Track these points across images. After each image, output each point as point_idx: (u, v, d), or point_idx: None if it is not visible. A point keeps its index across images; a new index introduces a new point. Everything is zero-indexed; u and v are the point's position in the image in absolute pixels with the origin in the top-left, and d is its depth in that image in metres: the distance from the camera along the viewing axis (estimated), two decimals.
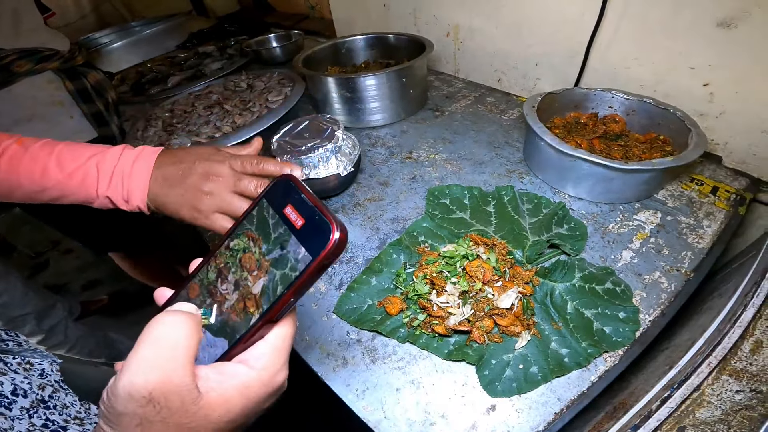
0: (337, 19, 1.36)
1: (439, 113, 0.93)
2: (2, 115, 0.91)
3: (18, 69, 0.90)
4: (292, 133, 0.70)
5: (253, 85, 1.04)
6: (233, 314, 0.25)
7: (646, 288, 0.51)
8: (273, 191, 0.26)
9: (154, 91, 1.15)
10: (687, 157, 0.56)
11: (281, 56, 1.22)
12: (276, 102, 0.94)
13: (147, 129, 0.94)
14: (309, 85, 0.95)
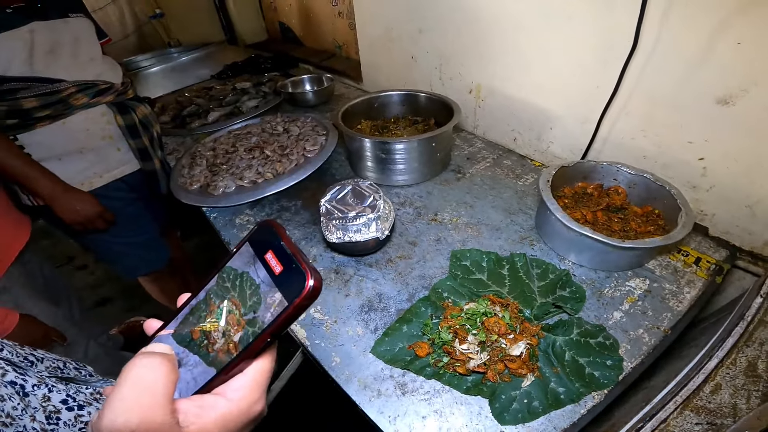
0: (364, 65, 1.54)
1: (461, 175, 1.07)
2: (54, 145, 1.04)
3: (75, 102, 1.04)
4: (338, 197, 0.82)
5: (289, 129, 1.21)
6: (219, 353, 0.29)
7: (631, 341, 0.65)
8: (257, 235, 0.30)
9: (195, 125, 1.31)
10: (674, 236, 0.70)
11: (313, 100, 1.39)
12: (312, 151, 1.10)
13: (192, 167, 1.10)
14: (344, 139, 1.09)
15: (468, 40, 1.12)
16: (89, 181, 1.11)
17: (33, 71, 0.97)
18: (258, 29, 2.38)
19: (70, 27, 1.04)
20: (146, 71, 1.66)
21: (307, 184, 1.05)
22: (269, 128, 1.21)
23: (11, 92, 0.96)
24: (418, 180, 1.04)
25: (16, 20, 0.96)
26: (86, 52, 1.07)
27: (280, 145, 1.13)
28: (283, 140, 1.16)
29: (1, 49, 0.93)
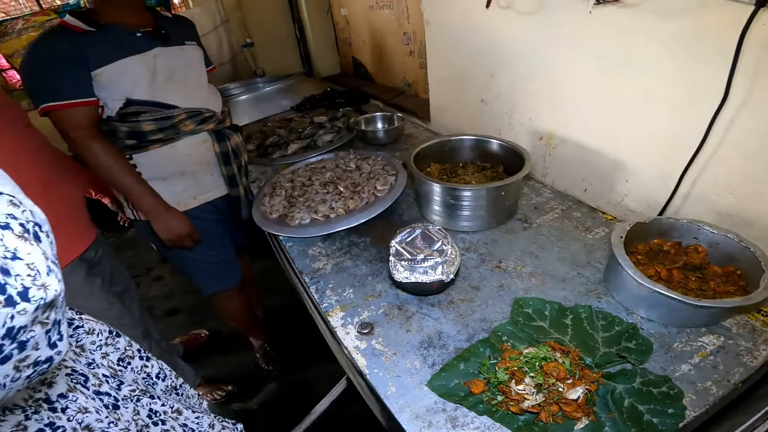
0: (433, 105, 1.63)
1: (527, 225, 1.09)
2: (162, 167, 1.22)
3: (183, 128, 1.21)
4: (407, 240, 0.89)
5: (360, 167, 1.32)
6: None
7: (697, 392, 0.65)
8: None
9: (276, 155, 1.48)
10: (755, 298, 0.69)
11: (383, 138, 1.51)
12: (383, 191, 1.19)
13: (273, 196, 1.24)
14: (414, 180, 1.16)
15: (541, 86, 1.15)
16: (185, 202, 1.27)
17: (153, 95, 1.15)
18: (333, 63, 2.62)
19: (186, 54, 1.23)
20: (236, 99, 1.91)
21: (376, 222, 1.13)
22: (342, 164, 1.34)
23: (134, 114, 1.14)
24: (483, 227, 1.08)
25: (144, 44, 1.14)
26: (196, 79, 1.25)
27: (352, 182, 1.24)
28: (355, 177, 1.27)
29: (129, 71, 1.11)
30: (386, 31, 2.06)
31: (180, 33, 1.24)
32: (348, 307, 0.90)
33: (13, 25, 2.52)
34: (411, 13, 1.82)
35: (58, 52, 1.03)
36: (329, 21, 2.58)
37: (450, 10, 1.35)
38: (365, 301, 0.91)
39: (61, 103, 1.05)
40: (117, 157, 1.12)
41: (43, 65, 1.04)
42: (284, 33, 2.70)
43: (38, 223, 0.37)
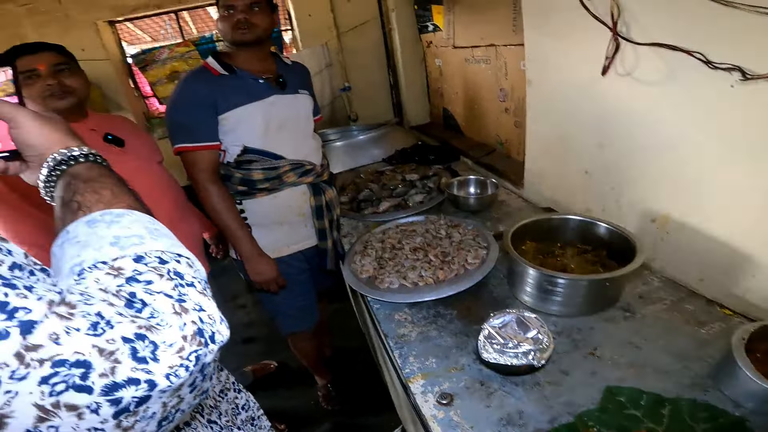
0: (528, 170, 1.60)
1: (629, 315, 1.01)
2: (264, 215, 1.35)
3: (287, 179, 1.33)
4: (501, 323, 0.89)
5: (451, 235, 1.34)
6: None
7: None
8: None
9: (368, 211, 1.57)
10: None
11: (475, 205, 1.52)
12: (473, 264, 1.19)
13: (364, 256, 1.30)
14: (507, 258, 1.14)
15: (660, 165, 1.08)
16: (279, 249, 1.40)
17: (265, 144, 1.29)
18: (423, 112, 2.72)
19: (298, 103, 1.36)
20: (332, 144, 2.07)
21: (464, 294, 1.13)
22: (433, 229, 1.37)
23: (248, 163, 1.29)
24: (579, 314, 1.03)
25: (264, 91, 1.28)
26: (303, 129, 1.38)
27: (442, 251, 1.26)
28: (446, 245, 1.28)
29: (249, 118, 1.25)
30: (481, 85, 2.10)
31: (296, 80, 1.38)
32: (430, 376, 0.92)
33: (159, 53, 2.97)
34: (510, 69, 1.83)
35: (195, 96, 1.21)
36: (423, 70, 2.70)
37: (557, 71, 1.33)
38: (447, 372, 0.92)
39: (192, 145, 1.23)
40: (227, 202, 1.28)
41: (182, 108, 1.23)
42: (379, 79, 2.88)
43: (205, 280, 0.44)
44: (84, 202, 0.45)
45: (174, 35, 3.19)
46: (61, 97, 1.09)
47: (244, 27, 1.21)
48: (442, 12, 2.28)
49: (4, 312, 0.30)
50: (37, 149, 0.50)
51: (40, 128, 0.50)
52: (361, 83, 2.90)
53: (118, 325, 0.33)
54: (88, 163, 0.50)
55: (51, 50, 1.09)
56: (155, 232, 0.44)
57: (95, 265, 0.38)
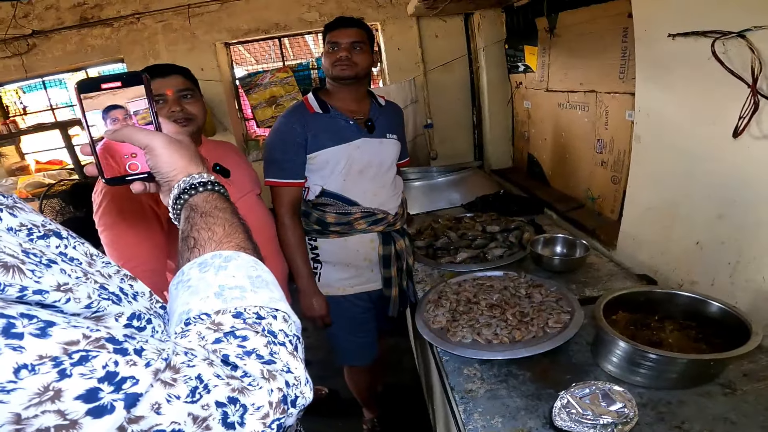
0: (625, 233, 1.49)
1: (729, 391, 0.91)
2: (334, 255, 1.42)
3: (357, 226, 1.39)
4: (581, 394, 0.84)
5: (531, 295, 1.28)
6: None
7: None
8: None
9: (444, 260, 1.56)
10: None
11: (560, 266, 1.44)
12: (554, 329, 1.13)
13: (437, 306, 1.28)
14: (596, 329, 1.06)
15: None
16: (343, 288, 1.47)
17: (342, 188, 1.36)
18: (506, 156, 2.68)
19: (383, 149, 1.41)
20: (410, 184, 2.11)
21: (540, 357, 1.08)
22: (512, 287, 1.32)
23: (323, 206, 1.38)
24: (670, 387, 0.94)
25: (352, 134, 1.35)
26: (384, 176, 1.43)
27: (520, 311, 1.21)
28: (525, 305, 1.23)
29: (333, 160, 1.32)
30: (575, 133, 2.02)
31: (385, 124, 1.44)
32: None
33: (262, 78, 3.29)
34: (612, 118, 1.73)
35: (291, 133, 1.31)
36: (509, 112, 2.68)
37: (673, 129, 1.24)
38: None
39: (279, 181, 1.34)
40: (299, 238, 1.37)
41: (278, 144, 1.34)
42: (462, 118, 2.92)
43: (298, 336, 0.47)
44: (199, 240, 0.50)
45: (276, 59, 3.53)
46: (183, 124, 1.13)
47: (345, 64, 1.31)
48: (536, 53, 2.26)
49: (112, 384, 0.31)
50: (166, 175, 0.55)
51: (170, 155, 0.55)
52: (443, 121, 2.95)
53: (215, 389, 0.36)
54: (207, 193, 0.55)
55: (179, 74, 1.16)
56: (257, 281, 0.47)
57: (200, 316, 0.43)
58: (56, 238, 0.44)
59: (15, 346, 0.29)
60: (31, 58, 3.12)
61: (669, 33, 1.15)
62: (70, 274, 0.37)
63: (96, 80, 0.54)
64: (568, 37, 1.95)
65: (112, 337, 0.33)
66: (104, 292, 0.39)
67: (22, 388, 0.28)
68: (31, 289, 0.33)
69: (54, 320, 0.31)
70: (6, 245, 0.34)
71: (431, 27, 2.88)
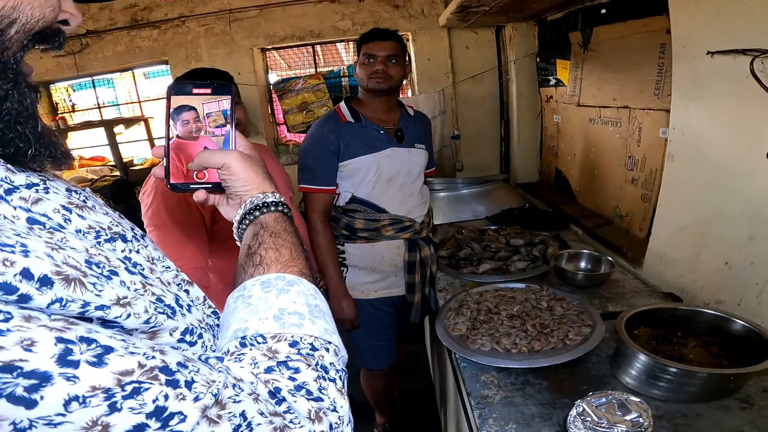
0: (652, 251, 1.49)
1: (747, 405, 0.91)
2: (360, 259, 1.48)
3: (384, 233, 1.45)
4: (598, 403, 0.86)
5: (552, 307, 1.30)
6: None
7: None
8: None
9: (466, 271, 1.61)
10: None
11: (583, 281, 1.46)
12: (574, 341, 1.15)
13: (458, 314, 1.32)
14: (618, 344, 1.08)
15: None
16: (367, 291, 1.53)
17: (371, 195, 1.42)
18: (533, 170, 2.70)
19: (412, 157, 1.47)
20: (435, 194, 2.17)
21: (558, 368, 1.10)
22: (533, 299, 1.35)
23: (352, 212, 1.45)
24: (688, 400, 0.96)
25: (382, 143, 1.41)
26: (412, 184, 1.49)
27: (541, 322, 1.24)
28: (545, 318, 1.26)
29: (363, 168, 1.38)
30: (605, 148, 2.03)
31: (414, 133, 1.50)
32: None
33: (295, 84, 3.42)
34: (645, 135, 1.74)
35: (324, 141, 1.39)
36: (538, 126, 2.70)
37: (708, 148, 1.25)
38: None
39: (312, 187, 1.41)
40: (329, 242, 1.43)
41: (311, 151, 1.41)
42: (490, 130, 2.95)
43: (345, 370, 0.49)
44: (265, 258, 0.50)
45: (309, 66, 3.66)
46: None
47: (380, 77, 1.37)
48: (568, 67, 2.29)
49: (160, 419, 0.31)
50: (239, 190, 0.56)
51: (245, 171, 0.55)
52: (470, 133, 3.00)
53: (257, 427, 0.36)
54: (277, 213, 0.55)
55: (223, 80, 1.16)
56: (315, 309, 0.48)
57: (256, 338, 0.43)
58: (122, 241, 0.45)
59: (69, 376, 0.28)
60: (83, 57, 3.35)
61: (708, 50, 1.17)
62: (129, 286, 0.37)
63: (189, 84, 0.56)
64: (603, 52, 1.98)
65: (165, 366, 0.33)
66: (160, 305, 0.39)
67: (71, 422, 0.27)
68: (93, 304, 0.32)
69: (113, 345, 0.31)
70: (71, 255, 0.33)
71: (462, 38, 2.94)
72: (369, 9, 2.97)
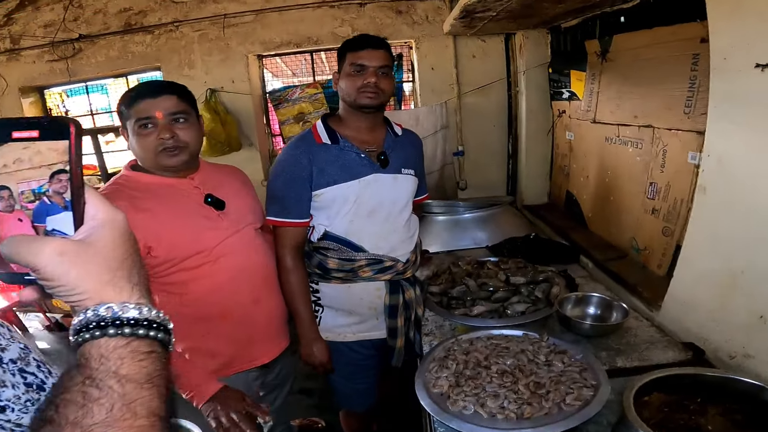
0: (673, 296, 1.34)
1: None
2: (335, 300, 1.35)
3: (361, 274, 1.31)
4: None
5: (551, 362, 1.16)
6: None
7: None
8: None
9: (458, 312, 1.47)
10: None
11: (590, 330, 1.31)
12: (572, 407, 1.02)
13: (442, 367, 1.19)
14: (623, 417, 0.95)
15: None
16: (344, 334, 1.40)
17: (347, 231, 1.28)
18: (541, 191, 2.56)
19: (397, 185, 1.33)
20: (433, 217, 2.04)
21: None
22: (530, 351, 1.21)
23: (325, 249, 1.31)
24: None
25: (363, 168, 1.26)
26: (396, 217, 1.34)
27: (536, 381, 1.10)
28: (542, 375, 1.12)
29: (339, 198, 1.24)
30: (623, 171, 1.88)
31: (401, 156, 1.36)
32: None
33: (292, 93, 3.33)
34: (670, 159, 1.58)
35: (295, 166, 1.25)
36: (549, 143, 2.56)
37: (751, 182, 1.09)
38: None
39: (281, 220, 1.28)
40: (300, 283, 1.30)
41: (281, 178, 1.28)
42: (496, 147, 2.82)
43: None
44: (59, 418, 0.34)
45: (308, 73, 3.59)
46: (173, 154, 1.11)
47: (372, 91, 1.23)
48: (583, 79, 2.15)
49: None
50: (68, 300, 0.38)
51: (72, 272, 0.37)
52: (476, 149, 2.87)
53: None
54: (121, 341, 0.37)
55: (172, 93, 1.11)
56: None
57: None
58: None
59: None
60: (76, 62, 3.34)
61: (757, 63, 1.01)
62: None
63: (7, 124, 0.39)
64: (624, 63, 1.84)
65: None
66: None
67: None
68: None
69: None
70: None
71: (468, 47, 2.83)
72: (370, 15, 2.88)
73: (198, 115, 1.20)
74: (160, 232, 1.10)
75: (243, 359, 1.27)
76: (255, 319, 1.25)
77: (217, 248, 1.17)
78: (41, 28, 3.29)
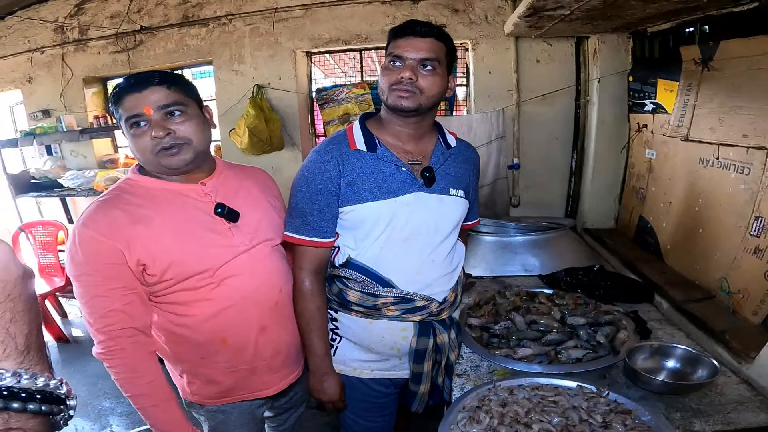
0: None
1: None
2: (355, 333, 1.18)
3: (386, 312, 1.12)
4: None
5: (609, 425, 0.94)
6: None
7: None
8: None
9: (500, 352, 1.27)
10: None
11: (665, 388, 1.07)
12: None
13: (472, 420, 0.99)
14: None
15: None
16: (361, 370, 1.23)
17: (375, 261, 1.10)
18: (607, 215, 2.29)
19: (443, 208, 1.12)
20: (480, 237, 1.84)
21: None
22: (584, 408, 1.00)
23: (347, 279, 1.13)
24: None
25: (402, 185, 1.06)
26: (435, 250, 1.13)
27: None
28: None
29: (370, 220, 1.05)
30: (719, 200, 1.61)
31: (452, 173, 1.16)
32: None
33: (338, 93, 3.26)
34: None
35: (322, 175, 1.08)
36: (622, 161, 2.29)
37: None
38: None
39: (301, 238, 1.11)
40: (316, 308, 1.14)
41: (305, 187, 1.11)
42: (557, 161, 2.58)
43: None
44: None
45: (356, 73, 3.52)
46: (172, 153, 0.99)
47: (405, 90, 1.03)
48: (675, 89, 1.88)
49: None
50: None
51: None
52: (533, 162, 2.64)
53: None
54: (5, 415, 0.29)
55: (161, 83, 0.97)
56: None
57: None
58: None
59: None
60: (137, 54, 3.51)
61: None
62: None
63: None
64: (732, 73, 1.59)
65: None
66: None
67: None
68: None
69: None
70: None
71: (532, 50, 2.62)
72: (424, 12, 2.76)
73: (201, 104, 1.06)
74: (157, 249, 0.99)
75: (243, 390, 1.15)
76: (259, 349, 1.11)
77: (222, 269, 1.04)
78: (108, 18, 3.49)
